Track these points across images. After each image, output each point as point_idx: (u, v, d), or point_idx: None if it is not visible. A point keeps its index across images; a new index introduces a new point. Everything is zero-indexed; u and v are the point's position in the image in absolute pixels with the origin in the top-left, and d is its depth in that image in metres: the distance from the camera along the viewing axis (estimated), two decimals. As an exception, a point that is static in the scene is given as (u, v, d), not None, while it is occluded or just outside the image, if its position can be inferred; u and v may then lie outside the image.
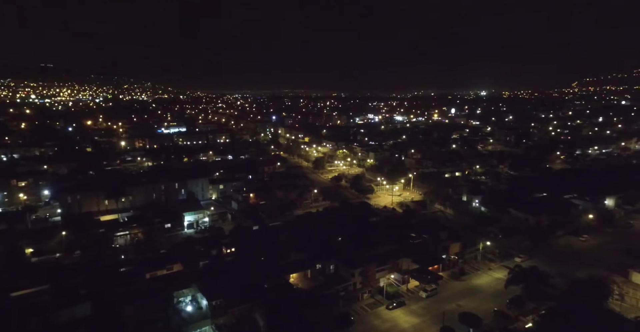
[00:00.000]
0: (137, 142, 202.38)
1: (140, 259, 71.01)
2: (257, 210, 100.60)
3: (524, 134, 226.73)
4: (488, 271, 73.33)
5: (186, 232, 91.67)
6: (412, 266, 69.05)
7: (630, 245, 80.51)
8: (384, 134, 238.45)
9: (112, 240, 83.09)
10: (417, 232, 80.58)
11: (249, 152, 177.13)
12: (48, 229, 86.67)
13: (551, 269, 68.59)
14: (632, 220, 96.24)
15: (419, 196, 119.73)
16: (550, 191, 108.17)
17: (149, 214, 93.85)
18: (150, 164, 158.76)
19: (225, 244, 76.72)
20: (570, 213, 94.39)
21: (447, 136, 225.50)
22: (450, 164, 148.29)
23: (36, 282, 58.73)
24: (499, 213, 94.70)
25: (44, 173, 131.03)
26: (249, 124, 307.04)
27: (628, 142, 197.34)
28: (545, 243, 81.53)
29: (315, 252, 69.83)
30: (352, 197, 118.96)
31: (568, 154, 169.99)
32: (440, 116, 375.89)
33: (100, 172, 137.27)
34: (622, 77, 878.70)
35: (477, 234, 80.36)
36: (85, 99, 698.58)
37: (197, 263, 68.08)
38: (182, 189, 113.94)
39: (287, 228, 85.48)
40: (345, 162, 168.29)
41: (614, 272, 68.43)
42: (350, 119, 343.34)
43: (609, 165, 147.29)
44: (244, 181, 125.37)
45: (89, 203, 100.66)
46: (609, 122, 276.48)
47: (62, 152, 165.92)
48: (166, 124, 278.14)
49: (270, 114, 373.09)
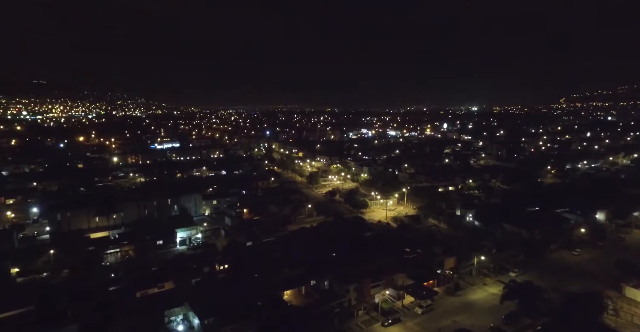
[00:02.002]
0: (130, 158, 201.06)
1: (130, 278, 69.63)
2: (250, 225, 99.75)
3: (515, 148, 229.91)
4: (483, 286, 72.97)
5: (178, 249, 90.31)
6: (407, 281, 68.54)
7: (622, 259, 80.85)
8: (378, 148, 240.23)
9: (102, 258, 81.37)
10: (412, 247, 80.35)
11: (242, 168, 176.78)
12: (35, 248, 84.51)
13: (546, 283, 68.50)
14: (624, 234, 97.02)
15: (413, 210, 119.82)
16: (543, 205, 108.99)
17: (141, 230, 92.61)
18: (143, 180, 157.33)
19: (218, 260, 75.68)
20: (562, 227, 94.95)
21: (439, 151, 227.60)
22: (444, 179, 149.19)
23: (21, 304, 57.05)
24: (492, 227, 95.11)
25: (34, 190, 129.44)
26: (242, 139, 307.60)
27: (616, 157, 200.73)
28: (539, 257, 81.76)
29: (310, 268, 69.15)
30: (347, 212, 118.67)
31: (559, 168, 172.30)
32: (433, 131, 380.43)
33: (91, 188, 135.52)
34: (607, 94, 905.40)
35: (472, 249, 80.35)
36: (78, 115, 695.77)
37: (189, 281, 66.95)
38: (175, 205, 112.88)
39: (281, 244, 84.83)
40: (339, 176, 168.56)
41: (608, 286, 68.54)
42: (344, 133, 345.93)
43: (598, 179, 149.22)
44: (237, 196, 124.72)
45: (79, 220, 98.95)
46: (596, 138, 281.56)
47: (52, 169, 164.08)
48: (159, 140, 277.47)
49: (264, 129, 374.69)
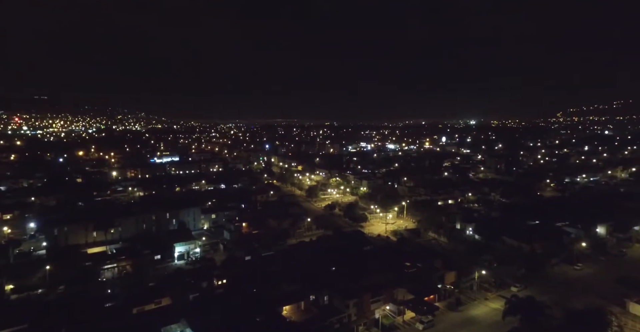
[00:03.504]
0: (129, 172, 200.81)
1: (127, 293, 68.61)
2: (249, 239, 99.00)
3: (514, 161, 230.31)
4: (484, 301, 71.97)
5: (176, 264, 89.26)
6: (408, 296, 67.66)
7: (624, 274, 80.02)
8: (377, 162, 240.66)
9: (99, 273, 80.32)
10: (412, 261, 79.58)
11: (241, 181, 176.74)
12: (31, 264, 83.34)
13: (548, 298, 67.58)
14: (624, 248, 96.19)
15: (412, 224, 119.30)
16: (543, 218, 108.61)
17: (139, 245, 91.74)
18: (142, 194, 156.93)
19: (216, 275, 74.80)
20: (563, 241, 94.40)
21: (439, 164, 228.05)
22: (443, 192, 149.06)
23: (14, 322, 55.81)
24: (492, 241, 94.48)
25: (31, 205, 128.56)
26: (242, 153, 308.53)
27: (614, 171, 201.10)
28: (541, 272, 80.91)
29: (309, 283, 68.35)
30: (346, 226, 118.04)
31: (558, 181, 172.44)
32: (432, 144, 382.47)
33: (89, 203, 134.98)
34: (603, 108, 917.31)
35: (472, 263, 79.64)
36: (78, 129, 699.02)
37: (186, 296, 65.97)
38: (174, 219, 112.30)
39: (280, 258, 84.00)
40: (339, 190, 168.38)
41: (611, 302, 67.61)
42: (343, 147, 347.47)
43: (598, 193, 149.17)
44: (236, 210, 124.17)
45: (76, 235, 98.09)
46: (594, 151, 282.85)
47: (51, 184, 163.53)
48: (159, 154, 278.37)
49: (263, 143, 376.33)
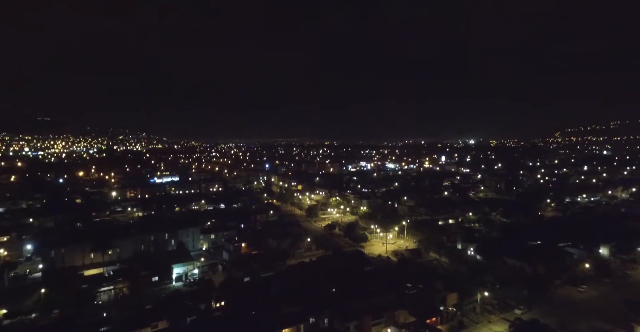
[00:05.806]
0: (128, 192, 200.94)
1: (123, 317, 67.24)
2: (249, 260, 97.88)
3: (514, 181, 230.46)
4: (488, 324, 70.36)
5: (174, 286, 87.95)
6: (409, 318, 66.30)
7: (630, 297, 78.72)
8: (377, 181, 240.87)
9: (95, 296, 78.88)
10: (413, 282, 78.46)
11: (241, 201, 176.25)
12: (26, 287, 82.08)
13: (552, 321, 66.30)
14: (629, 270, 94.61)
15: (413, 244, 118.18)
16: (544, 238, 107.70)
17: (136, 266, 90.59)
18: (141, 214, 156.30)
19: (214, 297, 73.61)
20: (566, 262, 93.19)
21: (438, 183, 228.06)
22: (443, 211, 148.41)
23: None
24: (494, 261, 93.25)
25: (29, 226, 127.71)
26: (242, 173, 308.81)
27: (614, 191, 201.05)
28: (544, 293, 79.36)
29: (309, 305, 67.11)
30: (346, 246, 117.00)
31: (558, 201, 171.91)
32: (431, 164, 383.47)
33: (88, 224, 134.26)
34: (600, 128, 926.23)
35: (474, 284, 78.35)
36: (79, 150, 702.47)
37: (184, 319, 64.70)
38: (172, 239, 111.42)
39: (279, 279, 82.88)
40: (339, 209, 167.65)
41: (618, 326, 66.20)
42: (343, 166, 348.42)
43: (599, 213, 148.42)
44: (236, 229, 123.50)
45: (73, 257, 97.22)
46: (594, 171, 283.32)
47: (50, 205, 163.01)
48: (159, 174, 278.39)
49: (263, 163, 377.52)
